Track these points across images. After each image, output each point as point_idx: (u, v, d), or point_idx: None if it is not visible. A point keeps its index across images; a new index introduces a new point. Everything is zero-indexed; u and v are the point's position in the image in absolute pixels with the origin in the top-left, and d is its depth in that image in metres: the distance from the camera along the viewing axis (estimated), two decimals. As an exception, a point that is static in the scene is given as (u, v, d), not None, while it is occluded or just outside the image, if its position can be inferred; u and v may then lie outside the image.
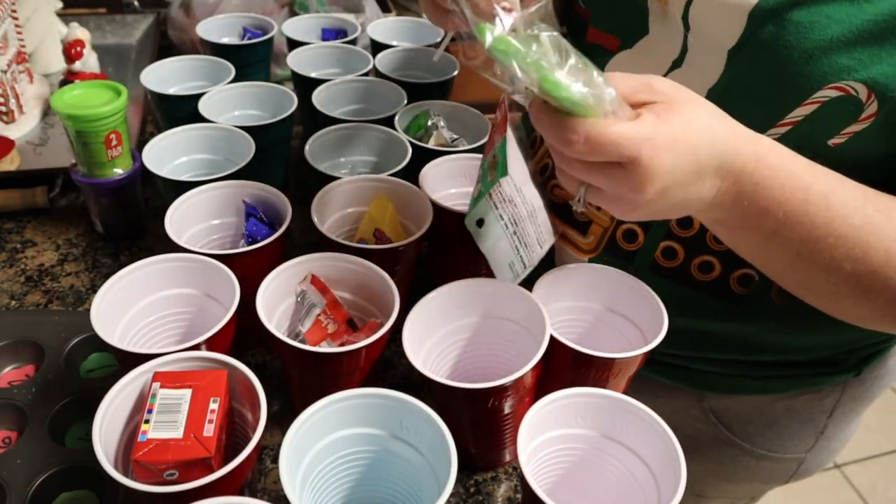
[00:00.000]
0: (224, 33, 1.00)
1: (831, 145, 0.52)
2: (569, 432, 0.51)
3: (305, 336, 0.59)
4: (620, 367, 0.55)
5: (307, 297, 0.60)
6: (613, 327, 0.62)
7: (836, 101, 0.50)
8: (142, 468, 0.45)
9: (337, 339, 0.60)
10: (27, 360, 0.65)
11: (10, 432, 0.59)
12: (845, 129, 0.51)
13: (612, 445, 0.51)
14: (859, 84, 0.49)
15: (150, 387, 0.48)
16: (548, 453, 0.51)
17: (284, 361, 0.58)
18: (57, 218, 0.83)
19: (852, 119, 0.50)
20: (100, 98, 0.71)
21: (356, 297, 0.62)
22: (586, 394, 0.49)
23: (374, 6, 1.18)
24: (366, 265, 0.60)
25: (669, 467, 0.47)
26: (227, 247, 0.70)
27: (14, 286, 0.74)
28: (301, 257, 0.60)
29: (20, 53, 0.96)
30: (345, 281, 0.62)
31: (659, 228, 0.63)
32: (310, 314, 0.60)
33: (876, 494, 1.73)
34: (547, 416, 0.49)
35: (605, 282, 0.61)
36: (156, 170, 0.71)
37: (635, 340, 0.59)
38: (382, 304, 0.60)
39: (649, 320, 0.58)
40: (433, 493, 0.44)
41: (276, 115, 0.79)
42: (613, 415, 0.50)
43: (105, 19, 1.18)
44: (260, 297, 0.56)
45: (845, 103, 0.50)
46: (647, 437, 0.48)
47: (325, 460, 0.49)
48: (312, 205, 0.66)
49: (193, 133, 0.77)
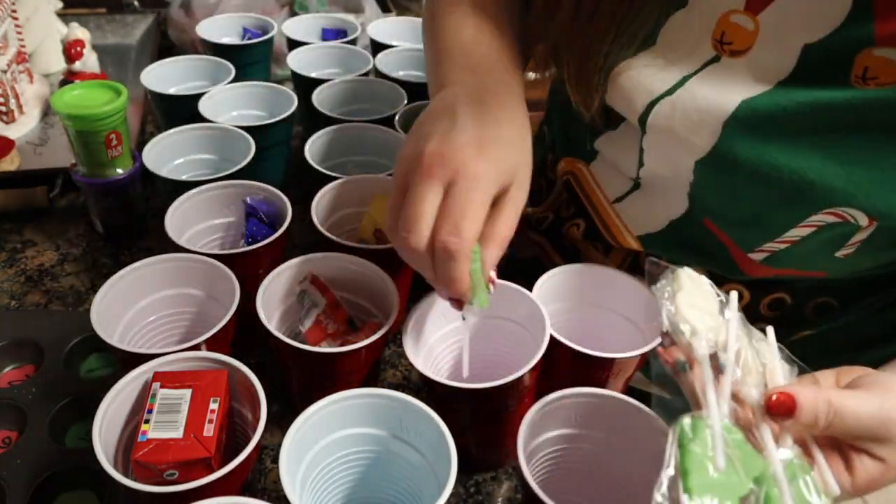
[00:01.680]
0: (224, 33, 1.00)
1: (840, 257, 0.51)
2: (569, 432, 0.51)
3: (305, 336, 0.59)
4: (620, 367, 0.56)
5: (307, 296, 0.60)
6: (613, 327, 0.62)
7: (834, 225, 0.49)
8: (142, 468, 0.45)
9: (337, 339, 0.60)
10: (27, 360, 0.65)
11: (10, 432, 0.59)
12: (850, 241, 0.50)
13: (611, 445, 0.51)
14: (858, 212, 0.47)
15: (150, 387, 0.48)
16: (548, 453, 0.51)
17: (284, 361, 0.58)
18: (57, 218, 0.83)
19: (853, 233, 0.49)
20: (100, 98, 0.71)
21: (356, 297, 0.62)
22: (586, 394, 0.49)
23: (374, 6, 1.18)
24: (366, 265, 0.60)
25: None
26: (227, 247, 0.70)
27: (14, 286, 0.74)
28: (301, 257, 0.60)
29: (20, 53, 0.96)
30: (345, 281, 0.62)
31: None
32: (310, 314, 0.60)
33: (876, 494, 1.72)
34: (547, 416, 0.49)
35: (604, 282, 0.61)
36: (156, 170, 0.71)
37: (635, 341, 0.59)
38: (382, 304, 0.60)
39: (648, 320, 0.58)
40: (433, 493, 0.44)
41: (276, 115, 0.79)
42: (613, 415, 0.50)
43: (105, 19, 1.18)
44: (260, 298, 0.56)
45: (843, 227, 0.48)
46: (648, 436, 0.49)
47: (325, 460, 0.49)
48: (312, 205, 0.66)
49: (193, 133, 0.77)
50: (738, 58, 0.49)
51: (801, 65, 0.47)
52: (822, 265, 0.53)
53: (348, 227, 0.71)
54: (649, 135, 0.54)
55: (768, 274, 0.56)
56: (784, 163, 0.47)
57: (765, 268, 0.55)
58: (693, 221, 0.57)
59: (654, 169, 0.56)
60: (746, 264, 0.56)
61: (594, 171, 0.64)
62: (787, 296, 0.59)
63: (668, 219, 0.58)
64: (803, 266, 0.54)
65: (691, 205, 0.56)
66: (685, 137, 0.51)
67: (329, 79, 0.86)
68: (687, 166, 0.53)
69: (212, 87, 0.83)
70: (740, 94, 0.48)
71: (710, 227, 0.56)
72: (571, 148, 0.66)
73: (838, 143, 0.46)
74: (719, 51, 0.50)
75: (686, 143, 0.51)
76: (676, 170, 0.54)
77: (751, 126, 0.48)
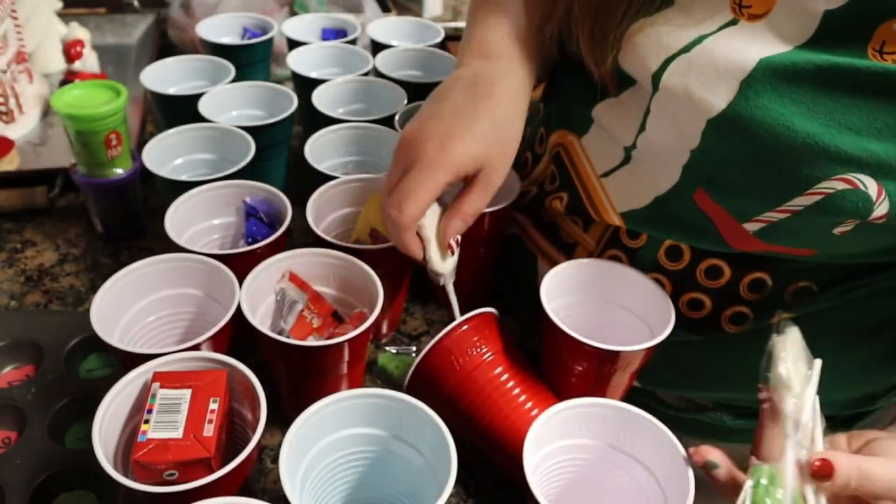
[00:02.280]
0: (224, 33, 1.00)
1: (837, 234, 0.51)
2: (574, 442, 0.51)
3: (290, 333, 0.59)
4: (627, 361, 0.56)
5: (287, 294, 0.60)
6: (622, 323, 0.61)
7: (843, 193, 0.48)
8: (142, 468, 0.45)
9: (323, 333, 0.59)
10: (27, 360, 0.65)
11: (10, 432, 0.59)
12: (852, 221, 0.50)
13: (617, 456, 0.50)
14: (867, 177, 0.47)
15: (150, 387, 0.48)
16: (554, 464, 0.51)
17: (273, 361, 0.57)
18: (57, 218, 0.83)
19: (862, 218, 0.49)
20: (100, 98, 0.71)
21: (338, 291, 0.62)
22: (591, 404, 0.49)
23: (374, 6, 1.18)
24: (345, 258, 0.60)
25: (676, 477, 0.46)
26: (227, 247, 0.70)
27: (14, 286, 0.74)
28: (278, 255, 0.60)
29: (20, 53, 0.96)
30: (325, 276, 0.61)
31: (645, 258, 0.62)
32: (292, 311, 0.59)
33: None
34: (553, 427, 0.49)
35: (611, 277, 0.61)
36: (156, 170, 0.71)
37: (643, 335, 0.58)
38: (365, 296, 0.59)
39: (656, 315, 0.58)
40: (433, 493, 0.44)
41: (276, 115, 0.79)
42: (619, 425, 0.49)
43: (105, 19, 1.18)
44: (244, 300, 0.55)
45: (851, 196, 0.48)
46: (653, 447, 0.48)
47: (325, 460, 0.49)
48: (308, 206, 0.65)
49: (193, 133, 0.77)
50: (757, 21, 0.50)
51: (821, 31, 0.47)
52: (817, 242, 0.53)
53: (345, 227, 0.71)
54: (660, 94, 0.54)
55: (757, 248, 0.56)
56: (799, 125, 0.47)
57: (756, 241, 0.55)
58: (681, 196, 0.57)
59: (655, 135, 0.56)
60: (737, 237, 0.56)
61: (585, 145, 0.64)
62: (768, 276, 0.59)
63: (654, 195, 0.59)
64: (797, 242, 0.54)
65: (684, 176, 0.56)
66: (700, 97, 0.51)
67: (329, 79, 0.86)
68: (696, 128, 0.52)
69: (212, 87, 0.83)
70: (759, 52, 0.49)
71: (699, 201, 0.56)
72: (566, 119, 0.67)
73: (854, 110, 0.46)
74: (737, 14, 0.50)
75: (700, 102, 0.51)
76: (681, 134, 0.54)
77: (769, 85, 0.48)
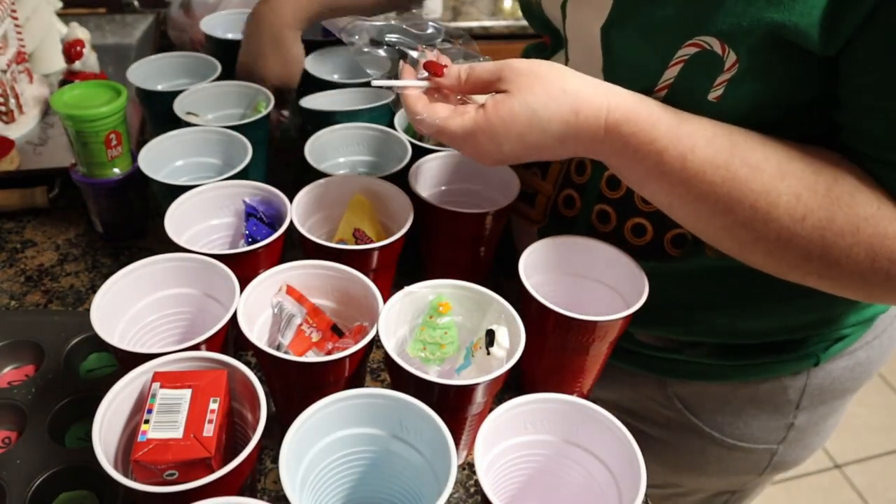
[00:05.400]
0: (228, 30, 1.00)
1: (713, 100, 0.53)
2: (528, 438, 0.51)
3: (289, 348, 0.57)
4: (605, 331, 0.58)
5: (284, 308, 0.58)
6: (597, 295, 0.64)
7: (697, 57, 0.52)
8: (142, 468, 0.45)
9: (323, 348, 0.58)
10: (27, 360, 0.65)
11: (10, 432, 0.59)
12: (717, 80, 0.52)
13: (572, 450, 0.51)
14: (711, 38, 0.50)
15: (150, 387, 0.48)
16: (508, 460, 0.51)
17: (270, 377, 0.56)
18: (57, 218, 0.83)
19: (718, 71, 0.52)
20: (100, 98, 0.71)
21: (337, 304, 0.61)
22: (545, 399, 0.49)
23: (373, 6, 1.18)
24: (343, 270, 0.59)
25: (629, 468, 0.47)
26: (227, 247, 0.70)
27: (14, 286, 0.74)
28: (275, 268, 0.58)
29: (20, 53, 0.96)
30: (323, 288, 0.60)
31: (591, 192, 0.66)
32: (290, 325, 0.58)
33: (876, 494, 1.72)
34: (506, 424, 0.49)
35: (587, 253, 0.63)
36: (152, 173, 0.71)
37: (617, 306, 0.61)
38: (364, 307, 0.58)
39: (630, 287, 0.60)
40: (433, 493, 0.44)
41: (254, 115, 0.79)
42: (572, 419, 0.50)
43: (105, 19, 1.18)
44: (241, 315, 0.54)
45: (705, 58, 0.51)
46: (606, 439, 0.49)
47: (325, 460, 0.49)
48: (292, 206, 0.65)
49: (189, 136, 0.76)
50: None
51: None
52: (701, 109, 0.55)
53: (328, 227, 0.71)
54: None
55: None
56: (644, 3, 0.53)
57: None
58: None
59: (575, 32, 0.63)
60: None
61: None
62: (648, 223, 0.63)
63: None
64: None
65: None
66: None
67: (329, 79, 0.86)
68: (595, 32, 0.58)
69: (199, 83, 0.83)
70: None
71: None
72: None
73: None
74: None
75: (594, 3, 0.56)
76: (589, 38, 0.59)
77: None
